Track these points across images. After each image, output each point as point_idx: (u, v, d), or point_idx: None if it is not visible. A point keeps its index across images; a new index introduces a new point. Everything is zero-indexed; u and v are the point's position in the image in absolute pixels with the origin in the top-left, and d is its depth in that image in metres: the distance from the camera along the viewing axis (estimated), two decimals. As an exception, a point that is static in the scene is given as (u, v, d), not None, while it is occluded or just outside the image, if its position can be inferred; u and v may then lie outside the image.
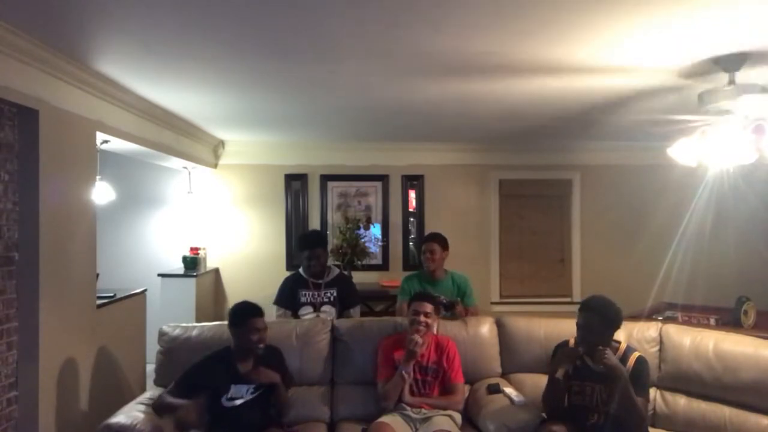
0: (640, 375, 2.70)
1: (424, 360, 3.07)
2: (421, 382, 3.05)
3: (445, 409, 2.99)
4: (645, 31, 2.49)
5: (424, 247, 3.86)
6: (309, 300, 3.74)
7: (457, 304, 3.58)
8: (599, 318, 2.68)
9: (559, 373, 2.68)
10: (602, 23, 2.38)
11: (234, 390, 2.77)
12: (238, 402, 2.75)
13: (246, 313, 2.81)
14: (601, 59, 2.91)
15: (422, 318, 3.02)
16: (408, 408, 2.95)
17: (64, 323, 3.06)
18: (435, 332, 3.18)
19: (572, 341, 2.82)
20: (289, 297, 3.77)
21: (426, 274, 3.88)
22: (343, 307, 3.80)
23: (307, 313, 3.71)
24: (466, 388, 3.21)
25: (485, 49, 2.72)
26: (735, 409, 2.87)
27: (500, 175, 6.21)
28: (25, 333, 2.80)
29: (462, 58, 2.88)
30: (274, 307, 3.80)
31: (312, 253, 3.73)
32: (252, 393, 2.79)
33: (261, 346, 2.80)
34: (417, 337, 2.97)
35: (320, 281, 3.76)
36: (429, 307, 3.07)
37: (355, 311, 3.88)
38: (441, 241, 3.84)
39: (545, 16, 2.32)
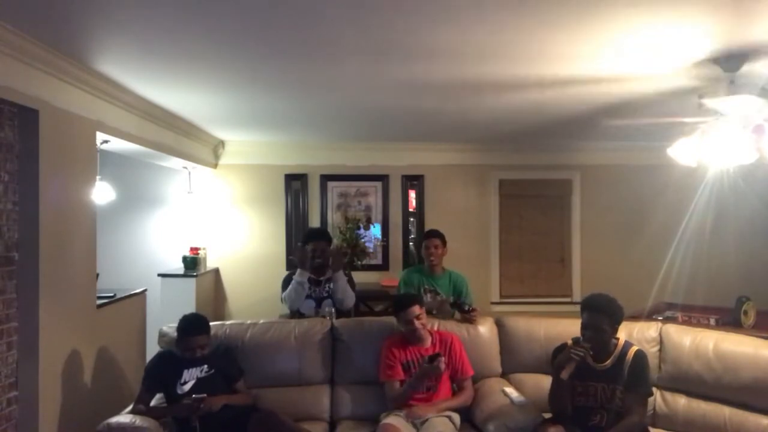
0: (640, 369, 2.71)
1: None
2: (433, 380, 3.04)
3: (457, 408, 3.00)
4: (644, 32, 2.49)
5: (426, 243, 4.00)
6: (311, 294, 3.76)
7: (475, 311, 3.49)
8: (607, 317, 2.68)
9: (565, 374, 2.64)
10: (605, 20, 2.37)
11: (187, 374, 2.87)
12: (192, 383, 2.84)
13: (186, 331, 2.93)
14: (601, 64, 2.91)
15: (416, 322, 3.06)
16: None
17: (64, 323, 3.06)
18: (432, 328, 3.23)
19: (570, 343, 2.79)
20: None
21: (426, 269, 3.98)
22: None
23: (309, 306, 3.73)
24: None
25: (489, 44, 2.70)
26: (735, 409, 2.86)
27: (500, 175, 6.20)
28: (25, 333, 2.80)
29: (464, 53, 2.85)
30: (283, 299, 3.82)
31: (317, 245, 3.74)
32: (205, 372, 2.89)
33: (203, 353, 2.92)
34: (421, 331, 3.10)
35: (321, 278, 3.78)
36: (418, 310, 3.09)
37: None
38: (441, 237, 4.01)
39: (547, 10, 2.28)
